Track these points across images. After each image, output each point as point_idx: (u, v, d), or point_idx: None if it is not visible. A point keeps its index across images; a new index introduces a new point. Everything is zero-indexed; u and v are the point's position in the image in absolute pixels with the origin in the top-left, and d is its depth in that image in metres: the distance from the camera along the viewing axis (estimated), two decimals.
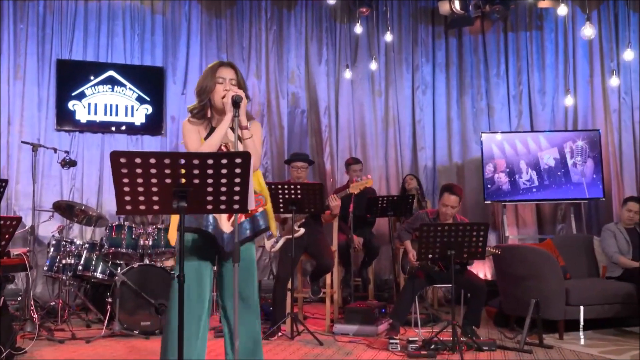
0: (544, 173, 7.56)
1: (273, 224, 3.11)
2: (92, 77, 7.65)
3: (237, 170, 2.45)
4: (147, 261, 5.91)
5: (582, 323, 5.52)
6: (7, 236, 4.07)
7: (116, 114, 7.76)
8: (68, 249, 6.13)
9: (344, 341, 5.35)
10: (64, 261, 6.04)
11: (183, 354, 2.47)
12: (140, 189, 2.44)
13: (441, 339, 4.95)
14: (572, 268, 6.17)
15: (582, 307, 5.44)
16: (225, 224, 2.98)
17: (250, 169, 2.48)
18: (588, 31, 6.59)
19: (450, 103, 8.51)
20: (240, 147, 2.96)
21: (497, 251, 5.26)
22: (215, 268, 3.15)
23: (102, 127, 7.70)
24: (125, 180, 2.41)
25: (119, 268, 6.01)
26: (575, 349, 5.05)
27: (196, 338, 2.98)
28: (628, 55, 7.17)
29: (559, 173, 7.53)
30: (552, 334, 5.43)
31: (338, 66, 8.53)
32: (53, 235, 6.40)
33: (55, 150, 6.08)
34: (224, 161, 2.43)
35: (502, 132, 7.83)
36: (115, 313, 5.51)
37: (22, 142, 6.33)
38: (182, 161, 2.40)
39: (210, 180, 2.46)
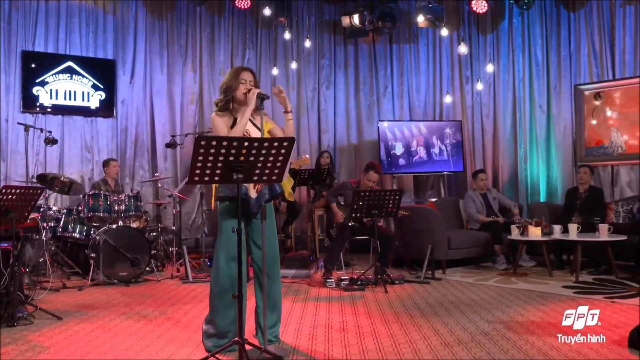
0: (422, 152, 8.33)
1: (286, 190, 3.41)
2: (53, 67, 7.35)
3: (282, 151, 2.78)
4: (120, 223, 5.96)
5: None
6: (32, 203, 4.06)
7: (74, 99, 7.52)
8: (47, 214, 6.01)
9: (288, 282, 5.71)
10: (44, 224, 5.92)
11: (242, 288, 2.80)
12: (209, 164, 2.70)
13: (363, 277, 5.49)
14: (447, 223, 6.95)
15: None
16: (252, 191, 3.24)
17: (292, 150, 2.81)
18: (463, 49, 7.36)
19: (348, 97, 9.03)
20: (258, 134, 3.22)
21: (406, 213, 5.85)
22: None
23: (62, 110, 7.44)
24: (200, 158, 2.66)
25: (93, 229, 5.99)
26: (457, 279, 5.83)
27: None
28: (489, 68, 7.99)
29: (432, 152, 8.33)
30: (437, 270, 6.17)
31: (259, 64, 8.74)
32: None
33: (41, 130, 5.88)
34: (275, 144, 2.75)
35: (389, 121, 8.49)
36: (99, 266, 5.55)
37: (18, 123, 5.98)
38: (246, 144, 2.69)
39: (261, 158, 2.77)
